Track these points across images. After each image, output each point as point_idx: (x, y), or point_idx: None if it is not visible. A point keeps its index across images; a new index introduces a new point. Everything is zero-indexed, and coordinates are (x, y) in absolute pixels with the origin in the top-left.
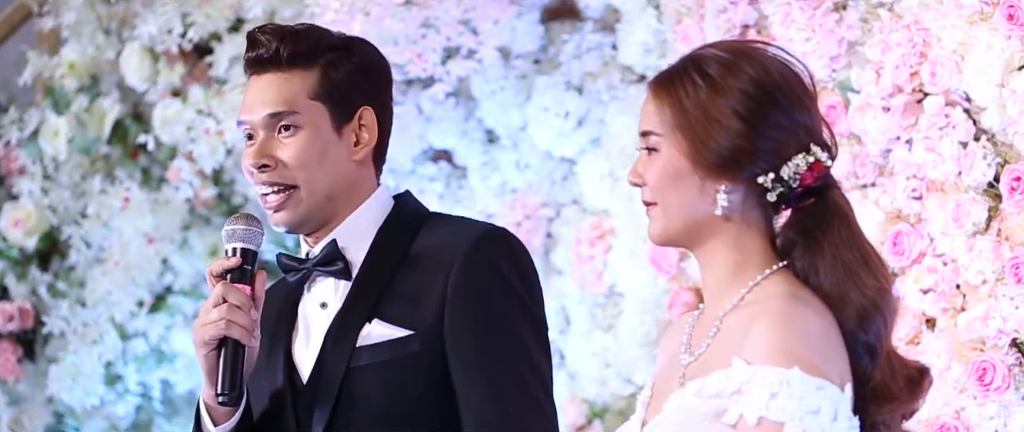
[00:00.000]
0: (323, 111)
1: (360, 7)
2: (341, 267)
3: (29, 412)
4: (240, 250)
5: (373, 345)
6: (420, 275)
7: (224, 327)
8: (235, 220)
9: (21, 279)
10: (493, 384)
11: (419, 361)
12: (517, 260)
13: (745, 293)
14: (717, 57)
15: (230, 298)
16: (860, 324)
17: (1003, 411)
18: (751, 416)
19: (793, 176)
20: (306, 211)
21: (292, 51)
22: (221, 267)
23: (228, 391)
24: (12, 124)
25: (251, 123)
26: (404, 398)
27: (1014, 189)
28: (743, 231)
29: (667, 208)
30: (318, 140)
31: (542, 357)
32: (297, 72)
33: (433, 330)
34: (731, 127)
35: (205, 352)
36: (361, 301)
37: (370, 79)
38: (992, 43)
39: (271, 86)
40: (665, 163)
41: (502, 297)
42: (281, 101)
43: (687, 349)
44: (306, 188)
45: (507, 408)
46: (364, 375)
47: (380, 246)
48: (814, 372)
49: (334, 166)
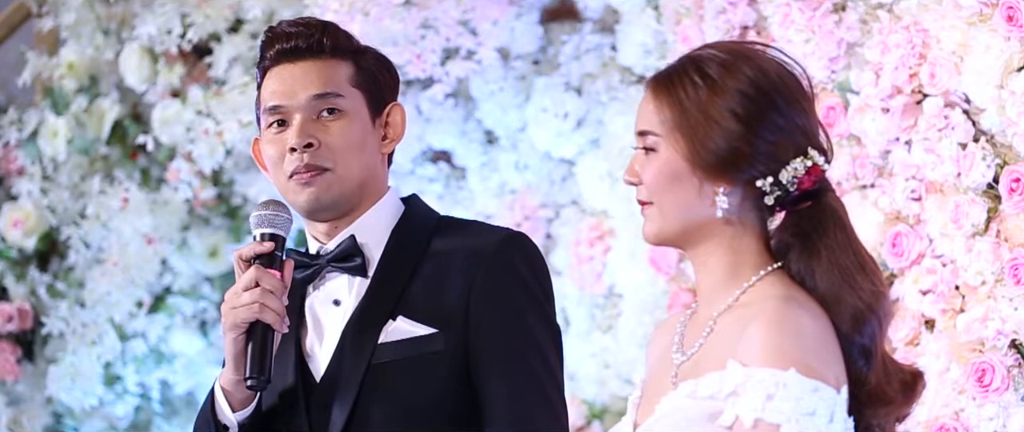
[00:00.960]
0: (362, 99)
1: (359, 7)
2: (358, 264)
3: (28, 412)
4: (270, 236)
5: (396, 342)
6: (441, 275)
7: (258, 311)
8: (264, 206)
9: (20, 279)
10: (513, 385)
11: (441, 359)
12: (536, 264)
13: (740, 294)
14: (716, 57)
15: (263, 282)
16: (855, 326)
17: (1002, 412)
18: (747, 418)
19: (791, 180)
20: (338, 194)
21: (334, 42)
22: (252, 252)
23: (258, 375)
24: (11, 124)
25: (288, 107)
26: (425, 395)
27: (1013, 190)
28: (740, 233)
29: (664, 208)
30: (360, 126)
31: (556, 360)
32: (336, 61)
33: (456, 329)
34: (729, 128)
35: (234, 335)
36: (382, 298)
37: (392, 80)
38: (991, 44)
39: (312, 71)
40: (663, 164)
41: (523, 300)
42: (328, 82)
43: (679, 348)
44: (342, 171)
45: (526, 409)
46: (385, 372)
47: (398, 245)
48: (810, 374)
49: (369, 155)
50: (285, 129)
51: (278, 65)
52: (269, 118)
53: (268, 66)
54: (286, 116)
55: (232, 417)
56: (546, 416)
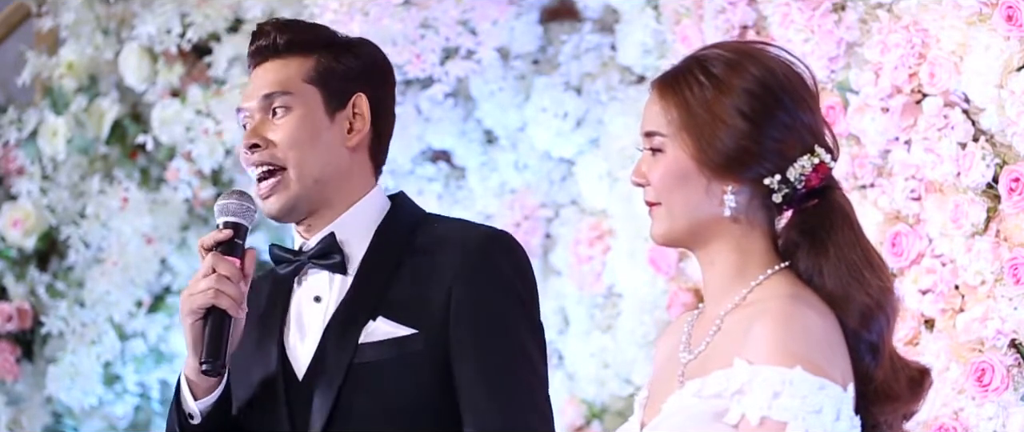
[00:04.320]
0: (316, 94)
1: (359, 7)
2: (337, 261)
3: (27, 412)
4: (231, 224)
5: (377, 342)
6: (423, 275)
7: (213, 296)
8: (228, 195)
9: (19, 279)
10: (495, 386)
11: (422, 359)
12: (519, 263)
13: (746, 293)
14: (721, 57)
15: (219, 269)
16: (863, 323)
17: (1002, 412)
18: (753, 416)
19: (799, 178)
20: (296, 195)
21: (289, 39)
22: (212, 240)
23: (212, 360)
24: (11, 124)
25: (249, 109)
26: (405, 396)
27: (1013, 190)
28: (747, 232)
29: (672, 209)
30: (310, 121)
31: (540, 359)
32: (294, 58)
33: (437, 330)
34: (736, 127)
35: (191, 321)
36: (363, 297)
37: (367, 71)
38: (991, 44)
39: (269, 71)
40: (671, 164)
41: (505, 300)
42: (275, 83)
43: (686, 348)
44: (296, 170)
45: (508, 409)
46: (366, 372)
47: (380, 243)
48: (816, 372)
49: (326, 150)
50: None
51: (253, 69)
52: (241, 122)
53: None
54: (250, 117)
55: (194, 405)
56: (533, 418)
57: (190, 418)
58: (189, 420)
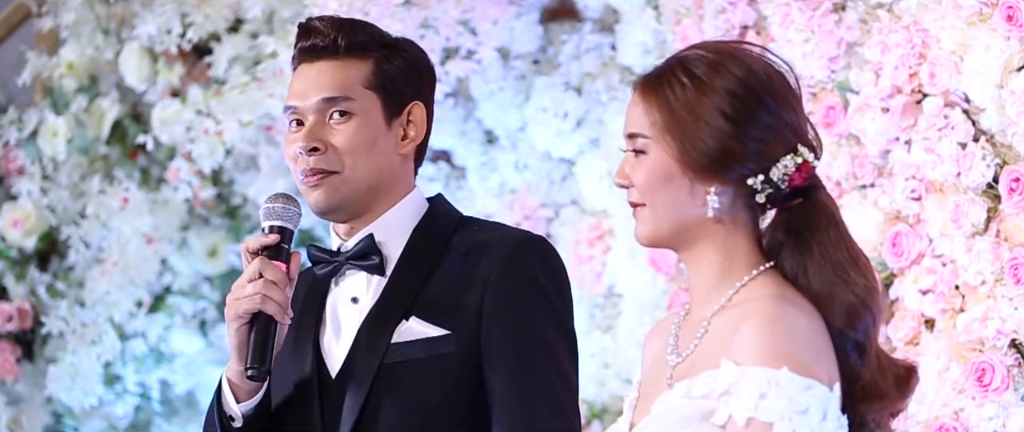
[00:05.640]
0: (376, 101)
1: (359, 7)
2: (376, 262)
3: (28, 412)
4: (277, 228)
5: (409, 342)
6: (458, 277)
7: (260, 301)
8: (274, 199)
9: (20, 279)
10: (524, 391)
11: (453, 361)
12: (553, 269)
13: (732, 294)
14: (703, 57)
15: (267, 273)
16: (849, 322)
17: (1002, 412)
18: (740, 417)
19: (782, 178)
20: (344, 196)
21: (350, 41)
22: (258, 244)
23: (258, 365)
24: (11, 124)
25: (302, 108)
26: (435, 396)
27: (1013, 190)
28: (731, 232)
29: (656, 210)
30: (369, 128)
31: (570, 365)
32: (353, 61)
33: (470, 332)
34: (718, 127)
35: (237, 326)
36: (397, 298)
37: (421, 77)
38: (991, 44)
39: (325, 73)
40: (654, 165)
41: (538, 305)
42: (337, 87)
43: (674, 350)
44: (348, 174)
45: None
46: (397, 371)
47: (417, 245)
48: (803, 372)
49: (380, 157)
50: (301, 129)
51: (301, 63)
52: (288, 117)
53: (295, 63)
54: (301, 116)
55: (236, 408)
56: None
57: (231, 420)
58: (230, 422)
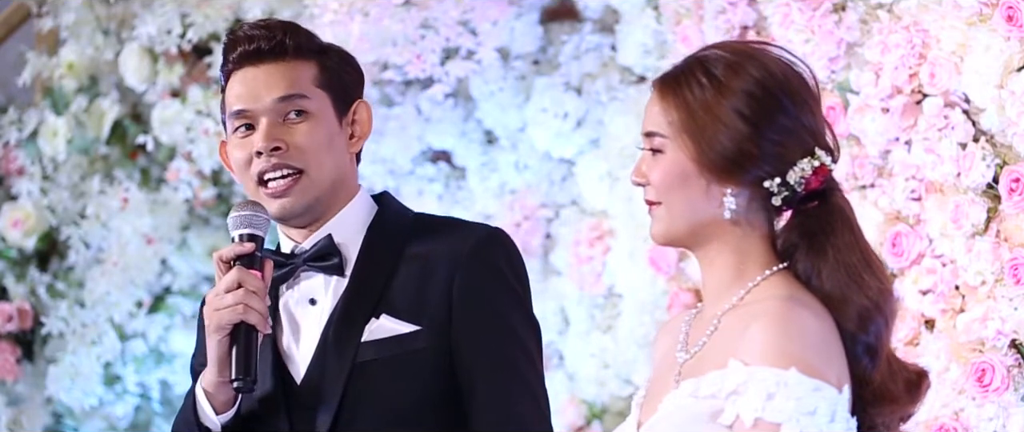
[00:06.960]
0: (327, 100)
1: (359, 7)
2: (335, 262)
3: (28, 412)
4: (249, 236)
5: (380, 340)
6: (422, 273)
7: (242, 312)
8: (242, 207)
9: (20, 279)
10: (498, 383)
11: (425, 357)
12: (515, 260)
13: (744, 294)
14: (722, 58)
15: (246, 283)
16: (861, 325)
17: (1002, 412)
18: (747, 417)
19: (799, 181)
20: (314, 198)
21: (297, 42)
22: (232, 253)
23: (243, 376)
24: (11, 124)
25: (254, 111)
26: (410, 394)
27: (1013, 190)
28: (746, 233)
29: (672, 209)
30: (326, 127)
31: (536, 352)
32: (300, 62)
33: (439, 327)
34: (736, 129)
35: (219, 337)
36: (362, 297)
37: (360, 79)
38: (991, 44)
39: (275, 73)
40: (671, 165)
41: (506, 298)
42: (291, 86)
43: (683, 347)
44: (315, 173)
45: (512, 406)
46: (370, 371)
47: (374, 243)
48: (811, 373)
49: (337, 155)
50: (252, 133)
51: (241, 68)
52: (235, 122)
53: (231, 69)
54: (252, 120)
55: (215, 420)
56: (535, 415)
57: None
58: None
